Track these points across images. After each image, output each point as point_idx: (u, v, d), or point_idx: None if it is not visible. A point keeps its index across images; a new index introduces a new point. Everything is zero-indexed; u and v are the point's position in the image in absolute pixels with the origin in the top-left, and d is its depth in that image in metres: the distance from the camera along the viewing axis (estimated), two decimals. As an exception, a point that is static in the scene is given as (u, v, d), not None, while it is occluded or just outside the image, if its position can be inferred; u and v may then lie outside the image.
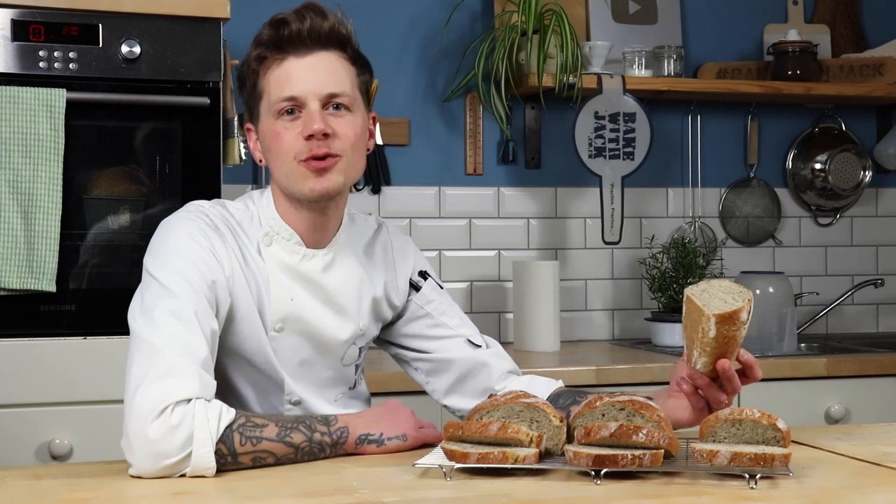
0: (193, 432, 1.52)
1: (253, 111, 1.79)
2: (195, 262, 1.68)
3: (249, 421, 1.59)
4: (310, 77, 1.72)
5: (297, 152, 1.71)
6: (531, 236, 3.43)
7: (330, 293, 1.81)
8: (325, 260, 1.81)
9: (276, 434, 1.60)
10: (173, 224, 1.75)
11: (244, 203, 1.83)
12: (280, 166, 1.74)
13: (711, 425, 1.58)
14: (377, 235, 1.94)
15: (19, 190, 2.44)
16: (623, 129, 3.26)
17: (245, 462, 1.58)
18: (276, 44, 1.73)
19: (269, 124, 1.74)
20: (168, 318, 1.61)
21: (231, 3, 2.59)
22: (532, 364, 2.88)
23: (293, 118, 1.72)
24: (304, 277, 1.79)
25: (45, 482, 1.53)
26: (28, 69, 2.48)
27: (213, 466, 1.53)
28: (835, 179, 3.61)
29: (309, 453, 1.63)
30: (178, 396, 1.53)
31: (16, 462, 2.40)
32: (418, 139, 3.34)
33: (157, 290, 1.65)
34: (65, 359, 2.47)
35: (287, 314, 1.78)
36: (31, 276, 2.44)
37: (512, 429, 1.53)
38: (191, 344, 1.60)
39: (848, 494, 1.46)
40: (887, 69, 3.49)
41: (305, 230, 1.79)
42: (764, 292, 3.18)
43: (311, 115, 1.71)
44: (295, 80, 1.72)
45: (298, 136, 1.71)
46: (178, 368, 1.56)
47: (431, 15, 3.33)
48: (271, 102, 1.73)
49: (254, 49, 1.76)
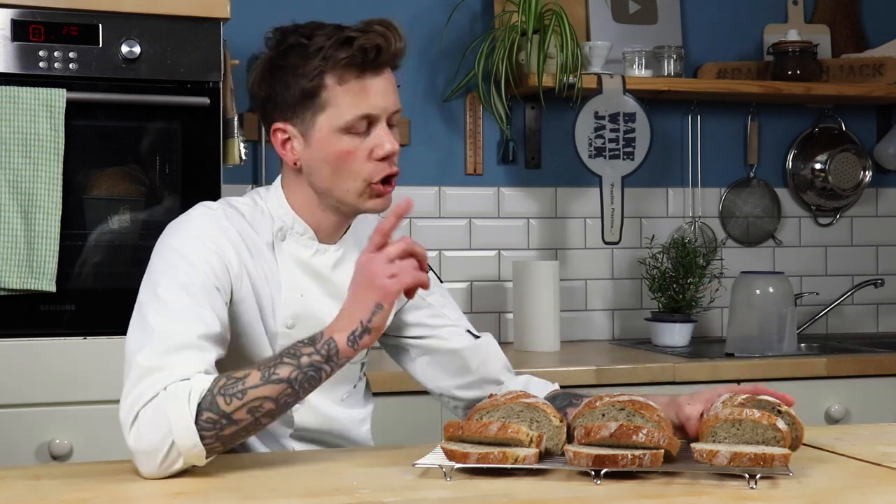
0: (168, 418, 1.52)
1: (295, 114, 1.74)
2: (201, 266, 1.68)
3: (230, 378, 1.56)
4: (382, 95, 1.76)
5: (370, 174, 1.74)
6: (531, 236, 3.43)
7: (339, 288, 1.81)
8: (335, 256, 1.82)
9: (260, 378, 1.56)
10: (178, 228, 1.75)
11: (251, 198, 1.83)
12: (343, 182, 1.75)
13: (711, 425, 1.58)
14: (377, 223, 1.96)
15: (19, 190, 2.44)
16: (623, 129, 3.26)
17: (243, 418, 1.55)
18: (359, 63, 1.72)
19: (335, 139, 1.73)
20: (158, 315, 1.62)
21: (231, 3, 2.59)
22: (532, 364, 2.88)
23: (361, 136, 1.74)
24: (315, 272, 1.80)
25: (45, 482, 1.53)
26: (28, 69, 2.48)
27: (198, 442, 1.51)
28: (835, 179, 3.61)
29: (306, 381, 1.58)
30: (147, 396, 1.54)
31: (16, 462, 2.40)
32: (418, 139, 3.34)
33: (152, 295, 1.66)
34: (65, 359, 2.47)
35: (298, 311, 1.79)
36: (31, 276, 2.44)
37: (512, 429, 1.53)
38: (178, 333, 1.60)
39: (848, 494, 1.46)
40: (887, 69, 3.49)
41: (325, 227, 1.81)
42: (764, 292, 3.19)
43: (384, 135, 1.75)
44: (373, 98, 1.74)
45: (367, 157, 1.74)
46: (151, 369, 1.56)
47: (431, 15, 3.33)
48: (343, 119, 1.72)
49: (321, 60, 1.71)
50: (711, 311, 3.49)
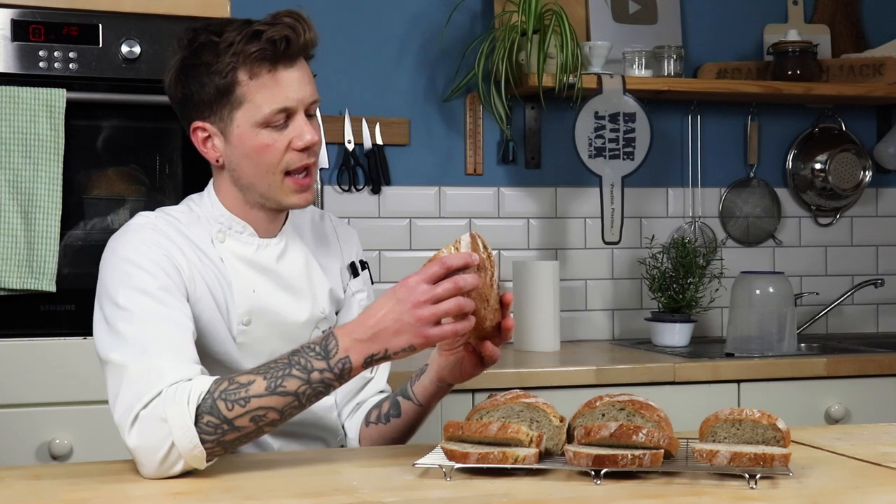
0: (168, 420, 1.52)
1: (213, 112, 1.75)
2: (154, 270, 1.68)
3: (233, 383, 1.55)
4: (297, 86, 1.74)
5: (287, 164, 1.75)
6: (531, 236, 3.43)
7: (287, 279, 1.84)
8: (278, 248, 1.84)
9: (266, 388, 1.54)
10: (122, 239, 1.74)
11: (186, 206, 1.85)
12: (262, 176, 1.76)
13: (711, 425, 1.58)
14: (323, 221, 1.99)
15: (19, 190, 2.44)
16: (623, 129, 3.26)
17: (245, 425, 1.54)
18: (269, 56, 1.71)
19: (252, 134, 1.73)
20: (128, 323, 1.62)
21: (231, 3, 2.59)
22: (532, 364, 2.88)
23: (279, 129, 1.74)
24: (261, 267, 1.82)
25: (45, 482, 1.53)
26: (28, 69, 2.48)
27: (197, 444, 1.51)
28: (835, 179, 3.61)
29: (314, 395, 1.57)
30: (147, 398, 1.54)
31: (16, 462, 2.40)
32: (418, 139, 3.34)
33: (114, 308, 1.65)
34: (65, 359, 2.47)
35: (252, 306, 1.80)
36: (31, 276, 2.44)
37: (512, 429, 1.53)
38: (156, 338, 1.60)
39: (848, 494, 1.46)
40: (887, 69, 3.48)
41: (260, 223, 1.82)
42: (764, 292, 3.19)
43: (302, 125, 1.74)
44: (287, 90, 1.73)
45: (286, 148, 1.74)
46: (144, 371, 1.56)
47: (431, 15, 3.33)
48: (261, 113, 1.72)
49: (231, 56, 1.71)
50: (711, 311, 3.50)
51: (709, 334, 3.55)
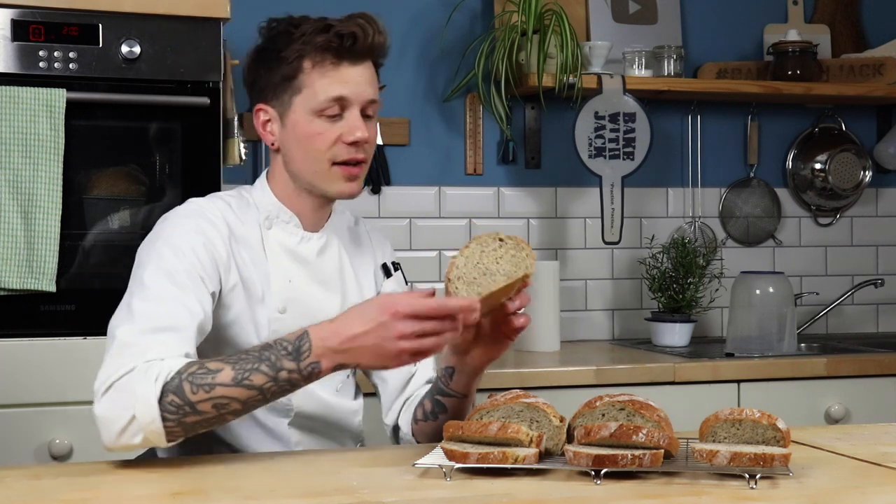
0: (134, 392, 1.54)
1: (275, 96, 1.82)
2: (188, 256, 1.72)
3: (202, 367, 1.56)
4: (357, 82, 1.80)
5: (334, 155, 1.80)
6: (531, 236, 3.43)
7: (323, 274, 1.88)
8: (319, 243, 1.89)
9: (233, 378, 1.55)
10: (169, 221, 1.80)
11: (238, 192, 1.90)
12: (310, 163, 1.81)
13: (711, 425, 1.58)
14: (357, 225, 2.04)
15: (19, 190, 2.44)
16: (623, 129, 3.26)
17: (207, 410, 1.56)
18: (335, 48, 1.77)
19: (307, 121, 1.80)
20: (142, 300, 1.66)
21: (231, 3, 2.59)
22: (532, 364, 2.88)
23: (333, 120, 1.79)
24: (302, 259, 1.86)
25: (44, 482, 1.53)
26: (28, 69, 2.48)
27: (156, 419, 1.53)
28: (835, 179, 3.61)
29: (279, 392, 1.59)
30: (123, 370, 1.56)
31: (16, 462, 2.40)
32: (418, 139, 3.34)
33: (138, 281, 1.70)
34: (65, 359, 2.47)
35: (287, 297, 1.83)
36: (31, 276, 2.44)
37: (512, 429, 1.53)
38: (160, 318, 1.63)
39: (848, 494, 1.46)
40: (887, 69, 3.49)
41: (307, 213, 1.87)
42: (764, 292, 3.19)
43: (355, 121, 1.80)
44: (346, 83, 1.79)
45: (338, 140, 1.79)
46: (130, 345, 1.59)
47: (431, 15, 3.33)
48: (317, 100, 1.78)
49: (301, 44, 1.78)
50: (711, 311, 3.50)
51: (709, 334, 3.55)
